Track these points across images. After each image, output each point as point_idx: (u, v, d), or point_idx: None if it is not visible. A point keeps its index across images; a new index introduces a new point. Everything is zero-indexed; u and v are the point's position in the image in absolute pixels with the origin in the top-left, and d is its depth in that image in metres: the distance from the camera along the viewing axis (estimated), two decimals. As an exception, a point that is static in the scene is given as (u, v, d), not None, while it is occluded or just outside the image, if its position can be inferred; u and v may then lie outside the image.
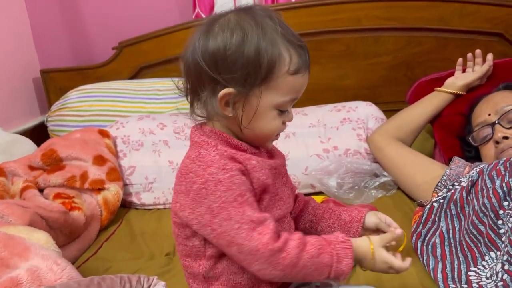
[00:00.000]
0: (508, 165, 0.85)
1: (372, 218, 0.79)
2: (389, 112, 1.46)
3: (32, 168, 1.27)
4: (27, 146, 1.48)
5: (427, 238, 0.92)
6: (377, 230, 0.78)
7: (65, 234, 1.05)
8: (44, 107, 1.85)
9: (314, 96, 1.51)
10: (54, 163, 1.28)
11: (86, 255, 1.08)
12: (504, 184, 0.81)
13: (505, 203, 0.80)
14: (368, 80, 1.69)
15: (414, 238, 0.94)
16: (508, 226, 0.77)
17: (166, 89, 1.64)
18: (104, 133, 1.37)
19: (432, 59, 1.64)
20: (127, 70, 1.77)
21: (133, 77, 1.77)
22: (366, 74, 1.68)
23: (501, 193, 0.81)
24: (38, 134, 1.70)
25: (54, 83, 1.80)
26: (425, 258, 0.87)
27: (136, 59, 1.75)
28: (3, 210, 0.93)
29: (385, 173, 1.20)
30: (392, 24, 1.63)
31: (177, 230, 0.71)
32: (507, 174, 0.83)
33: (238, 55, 0.64)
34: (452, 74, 1.33)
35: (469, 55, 1.29)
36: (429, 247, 0.90)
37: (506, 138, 0.99)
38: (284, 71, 0.66)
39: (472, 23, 1.59)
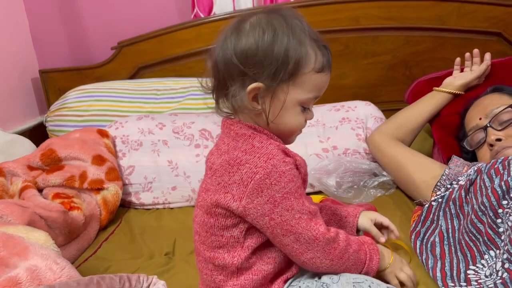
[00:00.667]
0: (506, 164, 0.86)
1: (364, 219, 0.84)
2: (388, 111, 1.46)
3: (31, 168, 1.27)
4: (26, 146, 1.48)
5: (426, 237, 0.92)
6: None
7: (64, 233, 1.05)
8: (43, 107, 1.85)
9: (314, 96, 1.52)
10: (53, 163, 1.28)
11: (86, 254, 1.08)
12: (503, 183, 0.81)
13: (504, 202, 0.80)
14: (367, 80, 1.69)
15: (413, 237, 0.94)
16: (508, 225, 0.77)
17: (165, 89, 1.64)
18: (103, 133, 1.37)
19: (431, 58, 1.64)
20: (126, 70, 1.77)
21: (132, 77, 1.77)
22: (365, 74, 1.68)
23: (499, 192, 0.81)
24: (37, 134, 1.70)
25: (53, 83, 1.80)
26: (424, 257, 0.87)
27: (135, 59, 1.75)
28: (2, 210, 0.93)
29: (384, 173, 1.20)
30: (390, 24, 1.63)
31: (213, 221, 0.72)
32: (505, 173, 0.84)
33: (268, 52, 0.68)
34: (450, 73, 1.33)
35: (467, 54, 1.29)
36: (428, 246, 0.90)
37: (499, 140, 0.99)
38: (310, 69, 0.70)
39: (470, 22, 1.60)
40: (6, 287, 0.67)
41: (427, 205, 0.96)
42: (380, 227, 0.85)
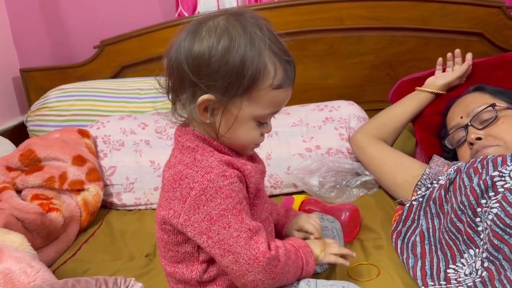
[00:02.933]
0: (485, 163, 0.86)
1: (290, 231, 0.85)
2: (372, 111, 1.46)
3: (9, 169, 1.24)
4: (5, 146, 1.45)
5: (407, 236, 0.93)
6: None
7: (42, 236, 1.03)
8: (24, 107, 1.82)
9: (297, 96, 1.50)
10: (32, 163, 1.25)
11: (64, 257, 1.06)
12: (481, 182, 0.82)
13: (483, 201, 0.81)
14: (351, 79, 1.69)
15: (394, 236, 0.94)
16: (486, 224, 0.78)
17: (148, 88, 1.62)
18: (84, 133, 1.35)
19: (414, 58, 1.66)
20: (109, 69, 1.75)
21: (115, 76, 1.75)
22: (349, 73, 1.69)
23: (478, 191, 0.82)
24: (18, 134, 1.67)
25: (34, 83, 1.77)
26: (405, 256, 0.88)
27: (118, 58, 1.73)
28: (-23, 212, 0.91)
29: (366, 172, 1.20)
30: (374, 24, 1.64)
31: (166, 237, 0.70)
32: (484, 172, 0.84)
33: (222, 63, 0.63)
34: (433, 73, 1.34)
35: (449, 54, 1.30)
36: (409, 245, 0.90)
37: (479, 139, 1.00)
38: (267, 85, 0.66)
39: (452, 22, 1.61)
40: (-23, 291, 0.65)
41: (408, 205, 0.96)
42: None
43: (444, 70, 1.32)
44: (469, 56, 1.30)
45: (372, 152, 1.20)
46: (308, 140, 1.29)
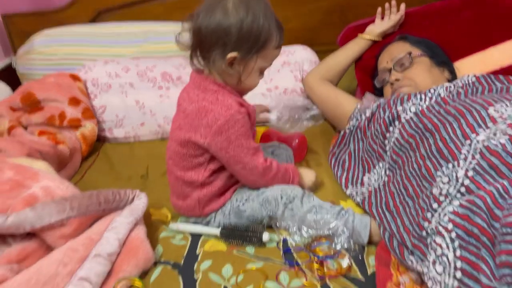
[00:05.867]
0: (396, 100, 1.15)
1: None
2: (326, 52, 1.69)
3: (13, 109, 1.45)
4: (2, 88, 1.63)
5: (339, 156, 1.24)
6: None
7: (55, 163, 1.27)
8: (8, 49, 1.94)
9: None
10: (33, 104, 1.45)
11: (74, 180, 1.32)
12: (390, 114, 1.12)
13: (390, 128, 1.11)
14: (308, 24, 1.90)
15: (330, 156, 1.25)
16: (390, 145, 1.09)
17: (126, 32, 1.78)
18: (75, 77, 1.54)
19: (363, 4, 1.86)
20: (86, 14, 1.87)
21: (92, 20, 1.88)
22: (306, 18, 1.89)
23: (387, 121, 1.12)
24: (7, 76, 1.82)
25: (16, 27, 1.88)
26: (335, 169, 1.19)
27: (94, 3, 1.86)
28: (5, 146, 1.14)
29: (314, 107, 1.49)
30: (330, -28, 1.82)
31: (185, 151, 0.98)
32: (394, 106, 1.14)
33: (249, 31, 0.88)
34: (373, 21, 1.57)
35: (386, 4, 1.53)
36: (340, 161, 1.22)
37: (397, 80, 1.28)
38: (272, 46, 0.93)
39: (397, -28, 1.82)
40: (28, 201, 0.91)
41: (342, 132, 1.26)
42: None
43: (383, 18, 1.56)
44: (402, 6, 1.53)
45: (320, 91, 1.47)
46: (268, 82, 1.54)
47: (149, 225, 1.02)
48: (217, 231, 1.00)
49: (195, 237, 1.02)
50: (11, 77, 1.80)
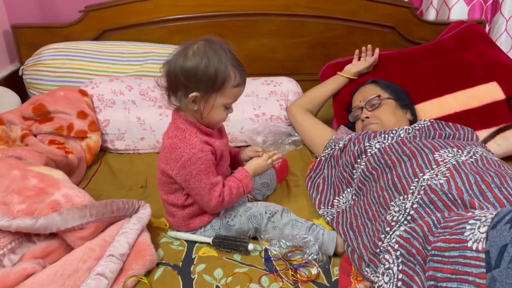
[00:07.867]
0: (365, 136, 1.38)
1: (246, 152, 1.33)
2: (308, 81, 1.91)
3: (25, 118, 1.60)
4: (12, 97, 1.77)
5: (315, 179, 1.45)
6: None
7: (66, 172, 1.42)
8: (14, 58, 2.08)
9: (251, 65, 1.90)
10: (43, 115, 1.61)
11: (80, 187, 1.48)
12: (358, 148, 1.34)
13: (358, 160, 1.33)
14: (294, 55, 2.12)
15: (307, 179, 1.46)
16: (357, 174, 1.31)
17: (128, 52, 1.95)
18: (83, 92, 1.70)
19: (343, 42, 2.10)
20: (91, 32, 2.03)
21: (97, 38, 2.04)
22: (292, 50, 2.11)
23: (356, 154, 1.34)
24: (13, 84, 1.95)
25: (24, 38, 2.01)
26: (311, 191, 1.41)
27: (100, 22, 2.02)
28: (26, 155, 1.30)
29: (296, 134, 1.70)
30: (315, 12, 2.04)
31: (164, 179, 1.17)
32: (362, 142, 1.36)
33: (204, 74, 1.05)
34: (351, 60, 1.80)
35: (363, 47, 1.77)
36: (315, 185, 1.43)
37: (367, 117, 1.51)
38: (231, 85, 1.09)
39: (373, 16, 2.06)
40: (53, 206, 1.08)
41: (318, 159, 1.48)
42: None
43: (359, 59, 1.79)
44: (377, 50, 1.77)
45: (301, 120, 1.68)
46: (257, 108, 1.75)
47: (151, 232, 1.20)
48: (209, 240, 1.19)
49: (190, 243, 1.21)
50: (16, 84, 1.94)
